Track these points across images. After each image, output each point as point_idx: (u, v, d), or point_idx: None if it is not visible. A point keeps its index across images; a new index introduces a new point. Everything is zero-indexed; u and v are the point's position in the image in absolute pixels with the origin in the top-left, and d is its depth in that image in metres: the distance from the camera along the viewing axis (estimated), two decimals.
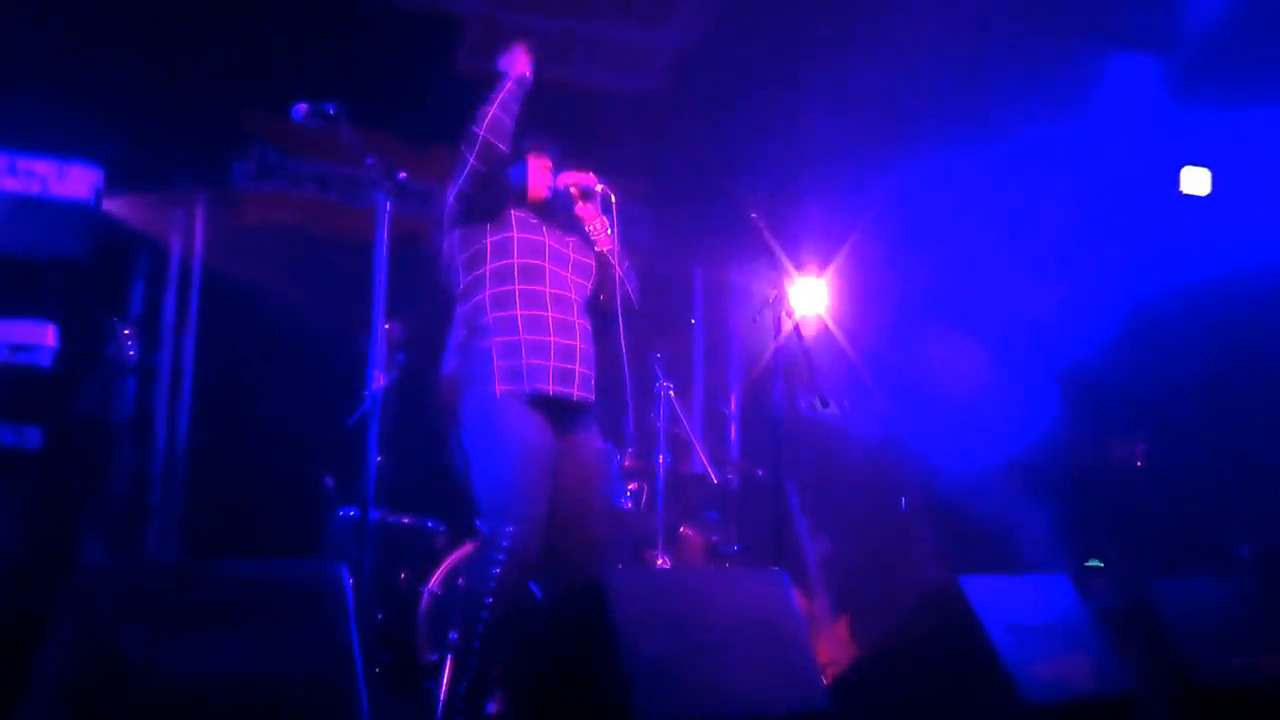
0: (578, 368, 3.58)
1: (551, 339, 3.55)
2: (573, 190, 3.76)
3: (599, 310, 3.77)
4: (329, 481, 4.88)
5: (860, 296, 6.74)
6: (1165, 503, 6.23)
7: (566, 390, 3.55)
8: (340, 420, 4.51)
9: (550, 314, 3.58)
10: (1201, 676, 3.31)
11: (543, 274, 3.62)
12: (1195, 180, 6.30)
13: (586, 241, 3.78)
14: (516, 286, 3.58)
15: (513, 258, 3.61)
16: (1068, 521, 5.89)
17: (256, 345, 5.65)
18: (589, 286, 3.75)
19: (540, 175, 3.80)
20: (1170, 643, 3.36)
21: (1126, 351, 5.98)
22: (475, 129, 3.57)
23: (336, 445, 4.55)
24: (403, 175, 3.47)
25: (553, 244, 3.70)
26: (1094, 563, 6.06)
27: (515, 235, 3.64)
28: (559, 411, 3.57)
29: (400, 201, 3.45)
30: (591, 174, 3.78)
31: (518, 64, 3.70)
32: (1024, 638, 3.05)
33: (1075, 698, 3.04)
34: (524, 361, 3.51)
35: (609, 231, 3.76)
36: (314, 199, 6.12)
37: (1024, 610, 3.14)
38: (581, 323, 3.66)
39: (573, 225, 3.80)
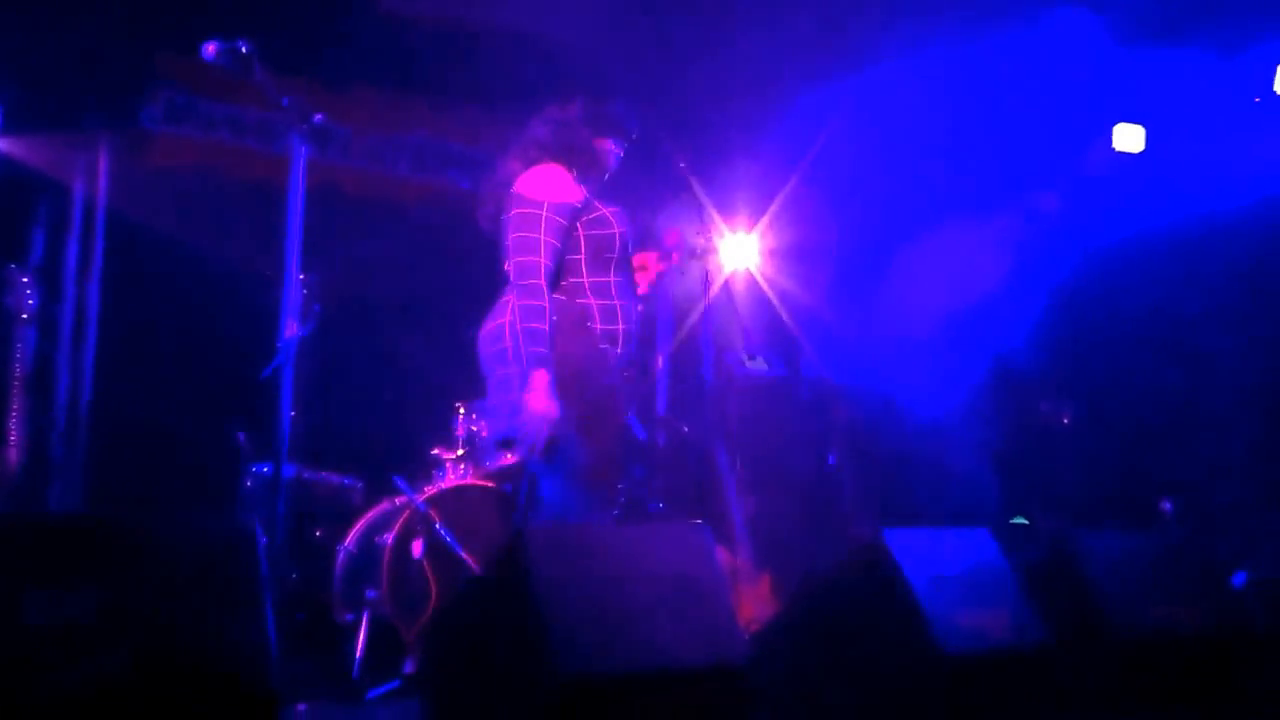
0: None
1: None
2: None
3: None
4: (240, 437, 4.76)
5: (791, 251, 6.71)
6: (1089, 459, 6.32)
7: None
8: (253, 373, 4.37)
9: None
10: (1120, 630, 3.34)
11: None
12: (1129, 137, 6.29)
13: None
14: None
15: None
16: (993, 477, 5.94)
17: (164, 294, 5.45)
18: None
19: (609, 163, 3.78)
20: (1091, 596, 3.38)
21: (1054, 308, 6.02)
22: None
23: (249, 399, 4.42)
24: (320, 118, 3.35)
25: None
26: (1019, 519, 6.13)
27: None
28: None
29: (318, 146, 3.34)
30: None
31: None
32: (946, 590, 3.05)
33: (994, 649, 3.04)
34: None
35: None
36: (226, 143, 5.92)
37: (946, 563, 3.14)
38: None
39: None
